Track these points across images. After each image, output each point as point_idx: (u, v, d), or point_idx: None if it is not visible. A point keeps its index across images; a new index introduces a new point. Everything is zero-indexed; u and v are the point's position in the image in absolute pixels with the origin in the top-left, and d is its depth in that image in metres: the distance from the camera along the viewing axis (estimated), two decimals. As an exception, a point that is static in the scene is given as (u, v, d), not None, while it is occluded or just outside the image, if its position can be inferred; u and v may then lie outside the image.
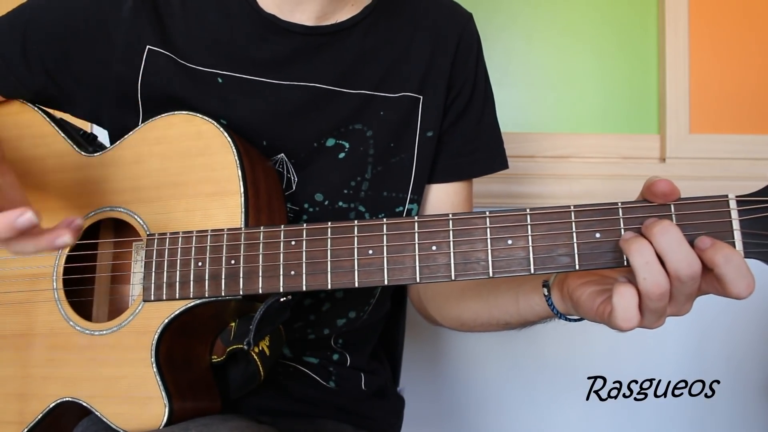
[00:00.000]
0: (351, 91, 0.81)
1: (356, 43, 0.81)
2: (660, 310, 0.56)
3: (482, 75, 0.88)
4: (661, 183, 0.56)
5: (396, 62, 0.82)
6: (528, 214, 0.59)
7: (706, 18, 1.34)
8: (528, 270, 0.58)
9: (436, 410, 1.35)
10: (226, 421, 0.70)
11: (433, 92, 0.83)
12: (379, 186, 0.82)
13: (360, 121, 0.81)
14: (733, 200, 0.54)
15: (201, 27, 0.79)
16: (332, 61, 0.80)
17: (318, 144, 0.80)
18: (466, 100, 0.86)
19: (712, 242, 0.53)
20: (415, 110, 0.83)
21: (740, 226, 0.54)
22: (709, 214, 0.55)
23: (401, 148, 0.83)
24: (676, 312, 0.57)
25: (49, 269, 0.75)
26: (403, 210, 0.84)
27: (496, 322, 0.77)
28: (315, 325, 0.84)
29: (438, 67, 0.84)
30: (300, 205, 0.80)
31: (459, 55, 0.85)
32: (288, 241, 0.65)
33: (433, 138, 0.84)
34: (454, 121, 0.86)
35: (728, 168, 1.32)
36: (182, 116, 0.74)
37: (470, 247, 0.60)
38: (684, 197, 0.56)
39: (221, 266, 0.67)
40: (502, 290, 0.75)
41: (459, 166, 0.87)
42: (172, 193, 0.72)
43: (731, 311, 1.32)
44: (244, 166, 0.71)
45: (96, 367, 0.71)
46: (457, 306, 0.83)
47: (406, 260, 0.61)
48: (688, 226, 0.55)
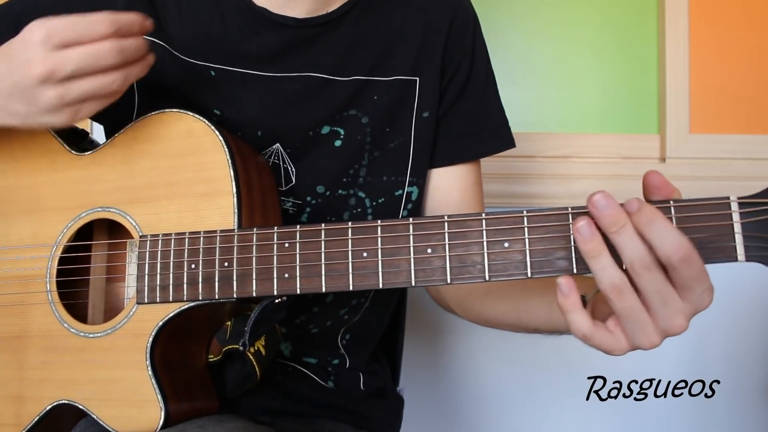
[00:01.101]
0: (344, 79, 0.80)
1: (348, 31, 0.80)
2: (631, 313, 0.53)
3: (481, 53, 0.87)
4: (654, 175, 0.54)
5: (388, 46, 0.82)
6: (525, 216, 0.57)
7: (706, 18, 1.34)
8: (525, 274, 0.57)
9: (436, 410, 1.35)
10: (223, 422, 0.69)
11: (429, 72, 0.83)
12: (378, 171, 0.82)
13: (354, 107, 0.80)
14: (735, 202, 0.53)
15: (194, 20, 0.79)
16: (325, 50, 0.80)
17: (313, 132, 0.80)
18: (463, 79, 0.85)
19: (639, 206, 0.52)
20: (410, 93, 0.82)
21: (742, 229, 0.52)
22: (710, 216, 0.53)
23: (397, 131, 0.82)
24: (665, 326, 0.53)
25: (42, 270, 0.75)
26: (402, 193, 0.83)
27: (524, 326, 0.74)
28: (318, 316, 0.84)
29: (431, 48, 0.83)
30: (303, 198, 0.80)
31: (452, 34, 0.84)
32: (281, 243, 0.64)
33: (429, 119, 0.83)
34: (453, 101, 0.85)
35: (728, 168, 1.32)
36: (173, 114, 0.73)
37: (466, 249, 0.58)
38: (685, 198, 0.54)
39: (214, 269, 0.66)
40: (535, 296, 0.72)
41: (463, 147, 0.86)
42: (163, 193, 0.71)
43: (731, 311, 1.31)
44: (236, 165, 0.69)
45: (92, 369, 0.71)
46: (481, 304, 0.81)
47: (401, 263, 0.60)
48: (689, 228, 0.53)
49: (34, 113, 0.64)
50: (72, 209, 0.75)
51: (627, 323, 0.54)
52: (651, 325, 0.54)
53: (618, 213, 0.52)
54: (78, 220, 0.74)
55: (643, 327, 0.54)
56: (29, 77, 0.61)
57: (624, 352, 0.56)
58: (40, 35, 0.60)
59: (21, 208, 0.77)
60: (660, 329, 0.54)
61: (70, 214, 0.75)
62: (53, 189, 0.76)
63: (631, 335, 0.54)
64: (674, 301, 0.53)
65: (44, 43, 0.60)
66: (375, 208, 0.82)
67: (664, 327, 0.54)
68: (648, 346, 0.55)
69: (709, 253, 0.53)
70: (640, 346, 0.55)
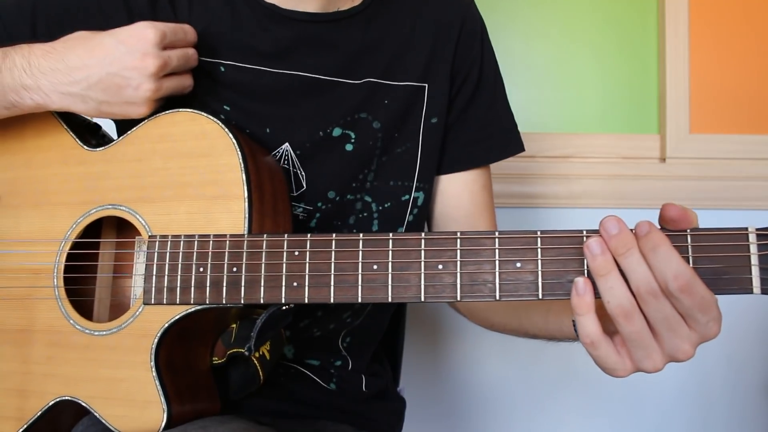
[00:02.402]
0: (356, 81, 0.80)
1: (359, 32, 0.80)
2: (637, 338, 0.53)
3: (489, 59, 0.87)
4: (671, 208, 0.54)
5: (399, 51, 0.82)
6: (539, 237, 0.57)
7: (706, 18, 1.33)
8: (536, 295, 0.56)
9: (437, 411, 1.35)
10: (224, 423, 0.69)
11: (438, 79, 0.83)
12: (385, 176, 0.82)
13: (365, 110, 0.80)
14: (753, 233, 0.52)
15: (204, 16, 0.78)
16: (335, 51, 0.79)
17: (324, 133, 0.79)
18: (473, 86, 0.85)
19: (648, 231, 0.52)
20: (419, 99, 0.82)
21: (758, 261, 0.52)
22: (726, 247, 0.53)
23: (406, 137, 0.82)
24: (671, 352, 0.54)
25: (50, 265, 0.74)
26: (409, 198, 0.83)
27: (524, 332, 0.78)
28: (322, 320, 0.84)
29: (441, 55, 0.83)
30: (314, 204, 0.79)
31: (462, 41, 0.84)
32: (291, 252, 0.64)
33: (437, 125, 0.83)
34: (463, 108, 0.85)
35: (728, 168, 1.31)
36: (187, 114, 0.72)
37: (477, 268, 0.58)
38: (702, 228, 0.54)
39: (223, 273, 0.66)
40: (535, 304, 0.74)
41: (474, 153, 0.86)
42: (174, 193, 0.71)
43: (731, 311, 1.30)
44: (249, 169, 0.69)
45: (96, 367, 0.71)
46: (486, 310, 0.83)
47: (410, 278, 0.60)
48: (704, 258, 0.53)
49: (116, 103, 0.71)
50: (82, 205, 0.74)
51: (633, 347, 0.54)
52: (658, 351, 0.54)
53: (626, 236, 0.53)
54: (87, 217, 0.74)
55: (649, 352, 0.54)
56: (143, 69, 0.69)
57: (627, 374, 0.56)
58: (154, 35, 0.69)
59: (31, 202, 0.77)
60: (666, 355, 0.54)
61: (79, 209, 0.74)
62: (64, 184, 0.76)
63: (637, 359, 0.55)
64: (681, 328, 0.53)
65: (158, 43, 0.69)
66: (381, 213, 0.82)
67: (670, 353, 0.54)
68: (651, 370, 0.55)
69: (724, 284, 0.53)
70: (644, 369, 0.55)
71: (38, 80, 0.70)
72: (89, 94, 0.70)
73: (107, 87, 0.70)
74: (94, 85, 0.70)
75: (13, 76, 0.71)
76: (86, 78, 0.69)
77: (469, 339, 1.34)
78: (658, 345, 0.54)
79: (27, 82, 0.70)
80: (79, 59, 0.70)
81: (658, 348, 0.54)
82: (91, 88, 0.70)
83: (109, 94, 0.70)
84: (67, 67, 0.70)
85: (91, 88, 0.70)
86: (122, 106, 0.71)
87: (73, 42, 0.71)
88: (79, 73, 0.70)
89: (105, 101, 0.70)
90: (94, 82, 0.69)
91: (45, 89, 0.70)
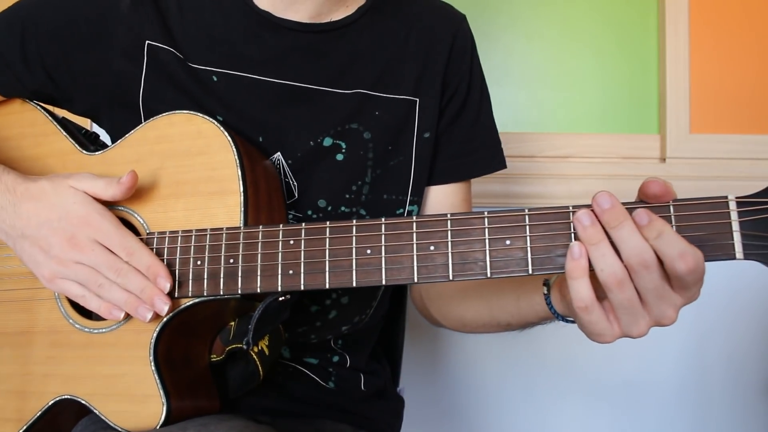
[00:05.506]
0: (345, 91, 0.81)
1: (351, 43, 0.81)
2: (628, 305, 0.55)
3: (477, 75, 0.88)
4: (653, 184, 0.55)
5: (390, 63, 0.83)
6: (526, 214, 0.58)
7: (706, 18, 1.34)
8: (526, 270, 0.58)
9: (436, 410, 1.35)
10: (224, 421, 0.69)
11: (429, 94, 0.84)
12: (380, 189, 0.82)
13: (356, 121, 0.81)
14: (733, 201, 0.54)
15: (196, 24, 0.79)
16: (327, 60, 0.80)
17: (315, 143, 0.80)
18: (461, 101, 0.86)
19: (649, 219, 0.53)
20: (411, 113, 0.83)
21: (740, 228, 0.53)
22: (708, 215, 0.54)
23: (399, 150, 0.83)
24: (657, 318, 0.56)
25: (49, 267, 0.75)
26: (403, 212, 0.84)
27: (497, 323, 0.77)
28: (320, 330, 0.84)
29: (433, 69, 0.84)
30: (303, 212, 0.80)
31: (453, 56, 0.85)
32: (286, 241, 0.65)
33: (430, 139, 0.84)
34: (450, 121, 0.86)
35: (728, 168, 1.32)
36: (183, 115, 0.74)
37: (468, 247, 0.59)
38: (683, 198, 0.56)
39: (220, 265, 0.67)
40: (505, 290, 0.75)
41: (457, 167, 0.87)
42: (171, 191, 0.72)
43: (731, 311, 1.32)
44: (244, 165, 0.71)
45: (95, 365, 0.71)
46: (458, 306, 0.83)
47: (404, 260, 0.61)
48: (687, 227, 0.55)
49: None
50: (80, 207, 0.76)
51: (622, 314, 0.56)
52: (645, 317, 0.56)
53: (619, 210, 0.54)
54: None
55: (637, 319, 0.56)
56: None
57: (613, 340, 0.58)
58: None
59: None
60: (652, 320, 0.56)
61: (78, 211, 0.75)
62: (62, 187, 0.77)
63: (624, 324, 0.57)
64: (669, 296, 0.55)
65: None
66: None
67: (656, 319, 0.56)
68: (637, 335, 0.57)
69: (708, 251, 0.54)
70: (630, 334, 0.57)
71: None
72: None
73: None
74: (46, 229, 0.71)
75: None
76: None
77: (468, 339, 1.34)
78: (646, 312, 0.55)
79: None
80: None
81: (646, 315, 0.56)
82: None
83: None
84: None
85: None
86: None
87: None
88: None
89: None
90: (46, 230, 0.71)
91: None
